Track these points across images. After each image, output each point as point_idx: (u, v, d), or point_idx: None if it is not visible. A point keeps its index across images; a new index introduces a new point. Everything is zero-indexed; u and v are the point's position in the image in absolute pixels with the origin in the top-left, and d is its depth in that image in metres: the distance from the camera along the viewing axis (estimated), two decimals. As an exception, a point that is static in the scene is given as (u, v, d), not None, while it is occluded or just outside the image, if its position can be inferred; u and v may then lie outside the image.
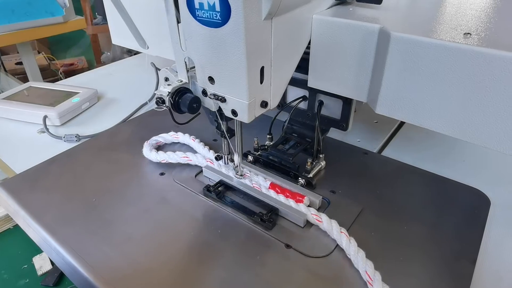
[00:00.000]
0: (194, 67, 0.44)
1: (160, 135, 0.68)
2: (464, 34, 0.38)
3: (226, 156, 0.56)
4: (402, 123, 0.79)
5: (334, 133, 0.71)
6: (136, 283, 0.44)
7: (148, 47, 0.61)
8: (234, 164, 0.56)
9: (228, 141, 0.54)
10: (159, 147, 0.68)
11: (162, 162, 0.62)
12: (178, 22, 0.42)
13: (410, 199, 0.56)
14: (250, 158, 0.62)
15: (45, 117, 0.76)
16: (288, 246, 0.48)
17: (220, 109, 0.45)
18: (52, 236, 0.49)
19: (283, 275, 0.44)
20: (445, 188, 0.58)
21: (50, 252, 0.50)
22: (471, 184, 0.58)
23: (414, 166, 0.63)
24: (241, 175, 0.56)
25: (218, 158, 0.59)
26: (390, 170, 0.63)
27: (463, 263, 0.46)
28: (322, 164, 0.62)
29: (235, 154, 0.54)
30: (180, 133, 0.68)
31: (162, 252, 0.47)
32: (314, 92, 0.59)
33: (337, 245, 0.48)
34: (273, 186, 0.56)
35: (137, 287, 0.43)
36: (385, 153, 0.69)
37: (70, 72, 2.57)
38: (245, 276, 0.44)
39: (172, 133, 0.69)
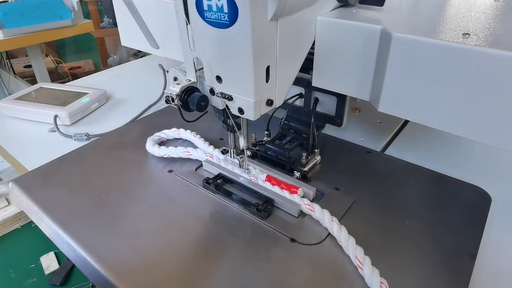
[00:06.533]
0: (202, 68, 0.46)
1: (162, 131, 0.70)
2: (463, 34, 0.39)
3: (232, 150, 0.58)
4: (405, 123, 0.80)
5: (337, 132, 0.73)
6: (144, 275, 0.45)
7: (158, 47, 0.63)
8: (240, 158, 0.57)
9: (234, 136, 0.55)
10: (162, 143, 0.70)
11: (164, 156, 0.65)
12: (187, 23, 0.43)
13: (412, 196, 0.57)
14: (248, 152, 0.64)
15: (55, 117, 0.78)
16: (292, 240, 0.49)
17: (227, 107, 0.47)
18: (64, 230, 0.51)
19: (286, 266, 0.46)
20: (447, 186, 0.59)
21: (62, 245, 0.51)
22: (472, 182, 0.59)
23: (416, 165, 0.64)
24: (246, 169, 0.58)
25: (224, 152, 0.61)
26: (393, 168, 0.64)
27: (463, 259, 0.47)
28: (318, 159, 0.64)
29: (242, 140, 0.54)
30: (182, 129, 0.71)
31: (169, 246, 0.49)
32: (310, 89, 0.61)
33: (329, 233, 0.50)
34: (269, 178, 0.57)
35: (146, 278, 0.45)
36: (388, 152, 0.70)
37: (77, 74, 2.61)
38: (251, 269, 0.46)
39: (174, 129, 0.71)
